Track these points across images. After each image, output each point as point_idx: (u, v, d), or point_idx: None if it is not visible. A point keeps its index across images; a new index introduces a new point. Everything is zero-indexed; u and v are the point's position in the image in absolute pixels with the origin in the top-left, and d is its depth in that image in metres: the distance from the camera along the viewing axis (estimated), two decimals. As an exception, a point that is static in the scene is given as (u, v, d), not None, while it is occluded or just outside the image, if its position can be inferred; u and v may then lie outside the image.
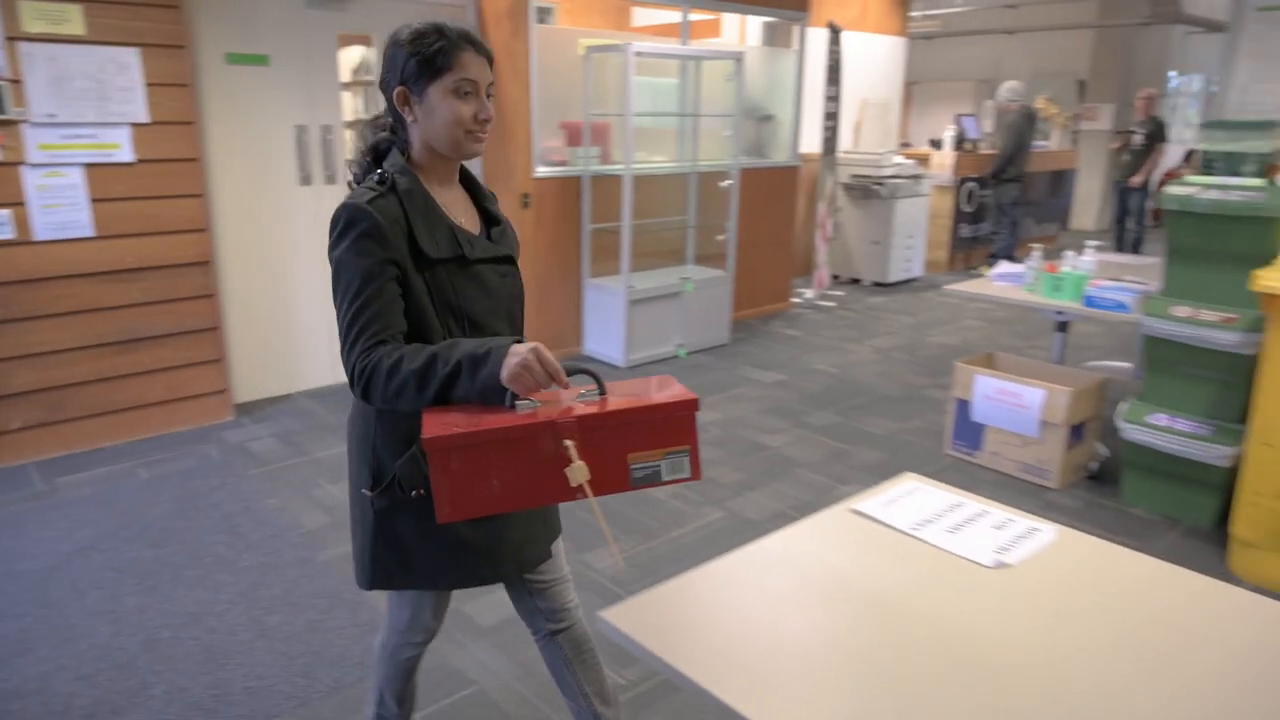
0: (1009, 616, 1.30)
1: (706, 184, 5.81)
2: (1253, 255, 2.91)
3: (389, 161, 1.52)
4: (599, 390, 1.34)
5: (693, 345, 5.64)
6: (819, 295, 7.22)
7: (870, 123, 10.03)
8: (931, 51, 12.92)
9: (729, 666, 1.16)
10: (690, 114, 5.65)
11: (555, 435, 1.23)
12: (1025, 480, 3.74)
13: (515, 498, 1.23)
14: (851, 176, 7.72)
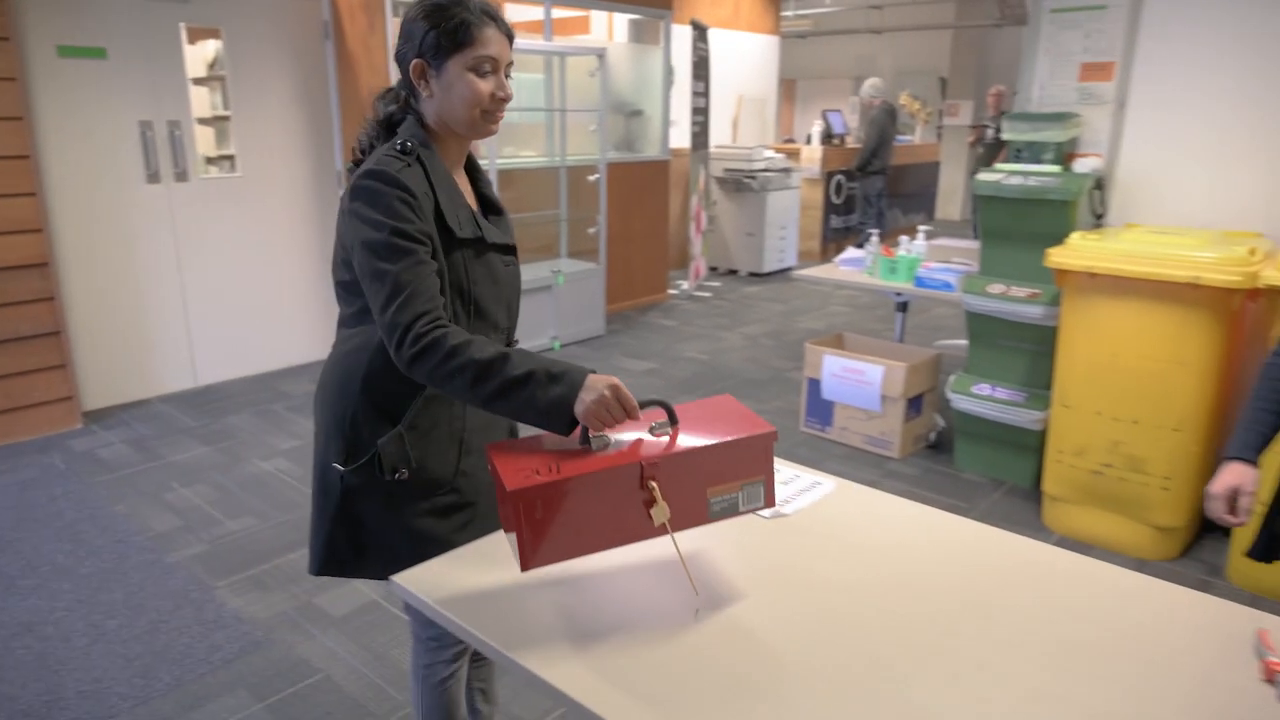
0: (785, 557, 1.42)
1: (576, 178, 5.90)
2: (1051, 235, 3.19)
3: (405, 130, 1.45)
4: (670, 420, 1.30)
5: (567, 337, 5.72)
6: (695, 286, 7.41)
7: (748, 118, 10.32)
8: (807, 49, 13.37)
9: (524, 629, 1.20)
10: (556, 109, 5.72)
11: (640, 476, 1.20)
12: (870, 452, 3.97)
13: (597, 540, 1.20)
14: (725, 170, 7.95)
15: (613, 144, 6.49)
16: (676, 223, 7.95)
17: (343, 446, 1.47)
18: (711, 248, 8.18)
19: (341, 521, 1.49)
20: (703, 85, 6.96)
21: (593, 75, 5.45)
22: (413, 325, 1.30)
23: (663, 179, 6.81)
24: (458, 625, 1.23)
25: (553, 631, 1.21)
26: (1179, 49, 3.18)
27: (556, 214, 5.98)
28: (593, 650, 1.16)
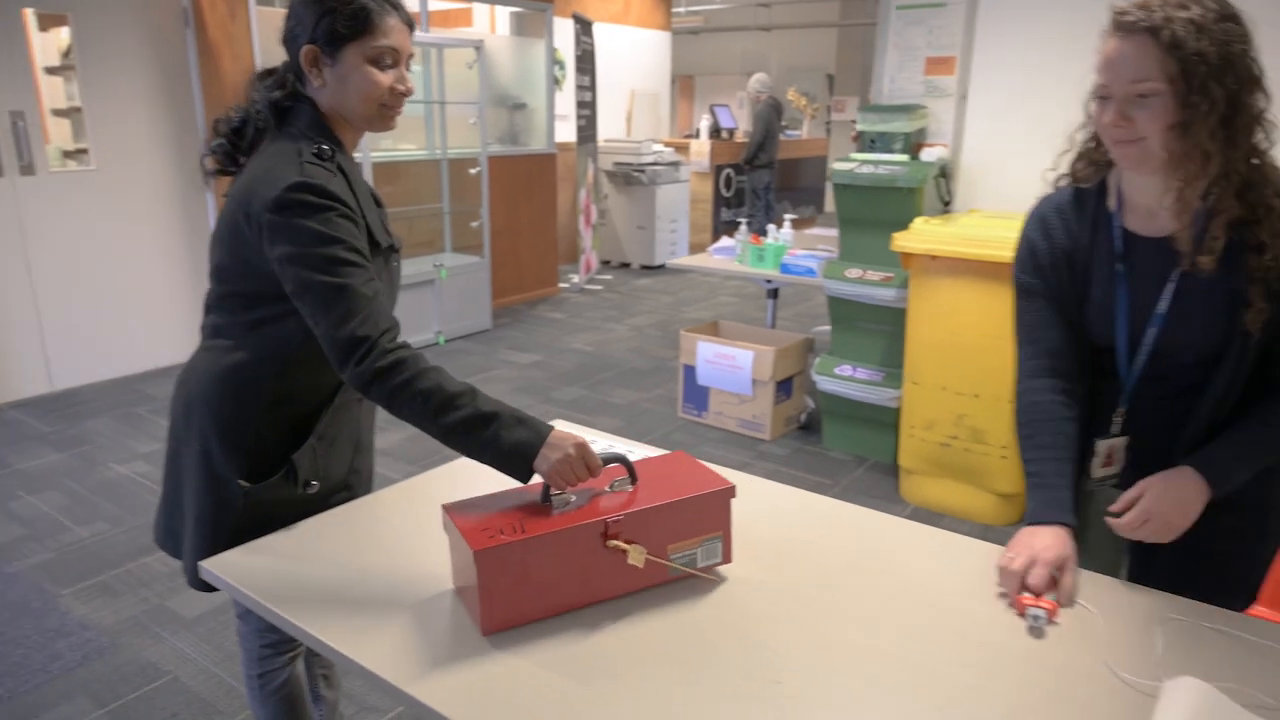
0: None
1: (459, 171, 5.85)
2: (900, 221, 3.34)
3: (305, 123, 1.35)
4: (630, 478, 1.30)
5: (452, 331, 5.67)
6: (586, 279, 7.44)
7: (641, 113, 10.41)
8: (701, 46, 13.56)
9: (338, 613, 1.19)
10: (434, 101, 5.66)
11: (603, 534, 1.20)
12: (744, 435, 4.09)
13: (558, 600, 1.19)
14: (614, 164, 8.00)
15: (496, 137, 6.46)
16: (566, 216, 7.97)
17: (244, 463, 1.41)
18: (603, 241, 8.23)
19: (242, 535, 1.41)
20: (588, 79, 6.99)
21: (471, 67, 5.41)
22: (379, 341, 1.25)
23: (549, 172, 6.81)
24: (290, 624, 1.20)
25: (387, 625, 1.20)
26: (1013, 43, 3.38)
27: (439, 207, 5.92)
28: (430, 646, 1.15)
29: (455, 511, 1.22)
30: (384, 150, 5.50)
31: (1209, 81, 1.15)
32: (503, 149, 6.42)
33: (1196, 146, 1.18)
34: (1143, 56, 1.16)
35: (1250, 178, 1.20)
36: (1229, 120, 1.17)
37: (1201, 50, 1.14)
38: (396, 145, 5.62)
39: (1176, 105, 1.16)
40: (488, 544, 1.13)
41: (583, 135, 6.98)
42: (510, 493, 1.29)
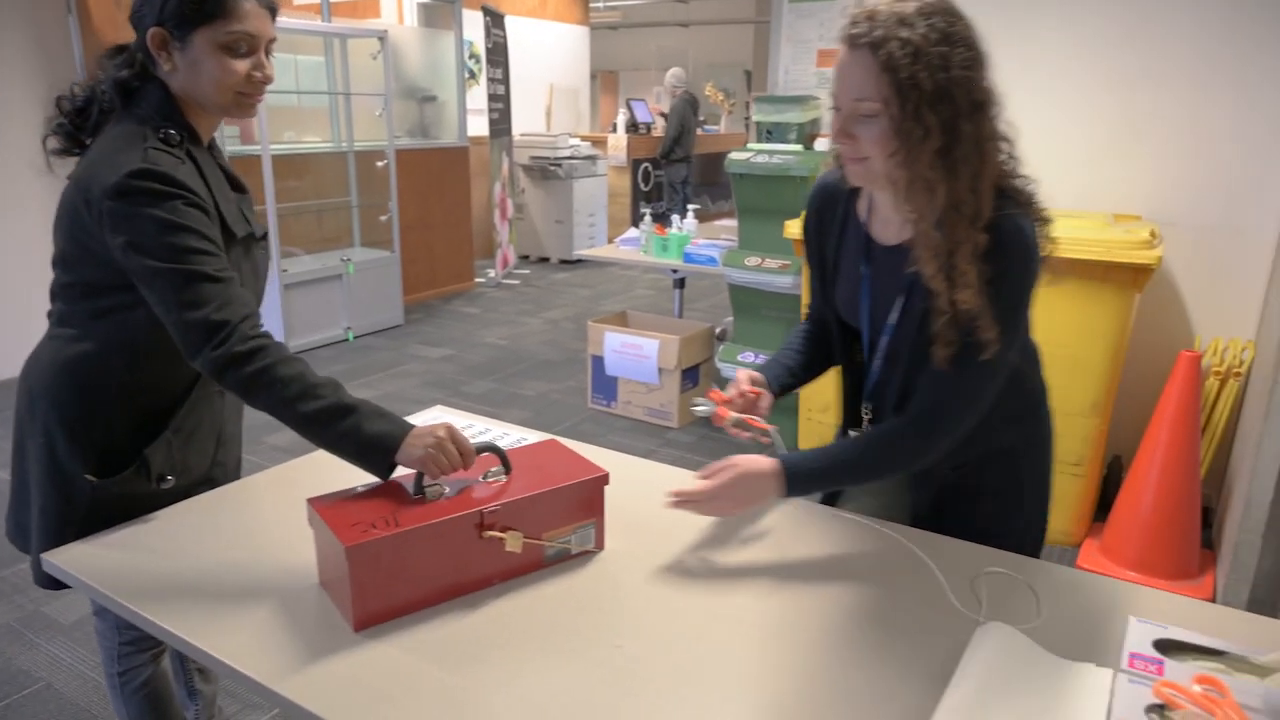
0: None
1: (367, 165, 5.76)
2: (795, 210, 3.42)
3: (153, 106, 1.29)
4: (505, 467, 1.29)
5: (362, 327, 5.59)
6: (504, 274, 7.41)
7: (561, 108, 10.39)
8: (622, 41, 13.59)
9: (197, 607, 1.16)
10: (337, 92, 5.56)
11: (479, 524, 1.18)
12: (651, 423, 4.13)
13: (432, 593, 1.16)
14: (531, 158, 7.97)
15: (405, 130, 6.38)
16: (481, 210, 7.91)
17: (92, 456, 1.36)
18: (521, 236, 8.19)
19: (91, 531, 1.36)
20: (500, 72, 6.95)
21: (375, 58, 5.33)
22: (239, 326, 1.21)
23: (462, 166, 6.75)
24: (144, 619, 1.16)
25: (251, 619, 1.17)
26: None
27: (347, 201, 5.82)
28: (297, 641, 1.13)
29: (322, 505, 1.19)
30: (286, 143, 5.38)
31: (923, 108, 1.08)
32: (412, 142, 6.34)
33: (919, 176, 1.12)
34: (864, 73, 1.10)
35: (979, 208, 1.13)
36: (947, 150, 1.10)
37: (915, 76, 1.07)
38: (300, 138, 5.51)
39: (893, 130, 1.11)
40: (359, 539, 1.09)
41: (496, 129, 6.94)
42: (380, 486, 1.26)
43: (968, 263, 1.13)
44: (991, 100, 1.13)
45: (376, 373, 4.86)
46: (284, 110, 5.41)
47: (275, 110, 5.20)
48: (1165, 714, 0.91)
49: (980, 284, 1.13)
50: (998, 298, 1.14)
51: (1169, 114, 3.03)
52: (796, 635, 1.12)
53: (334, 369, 4.91)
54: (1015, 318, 1.19)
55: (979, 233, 1.13)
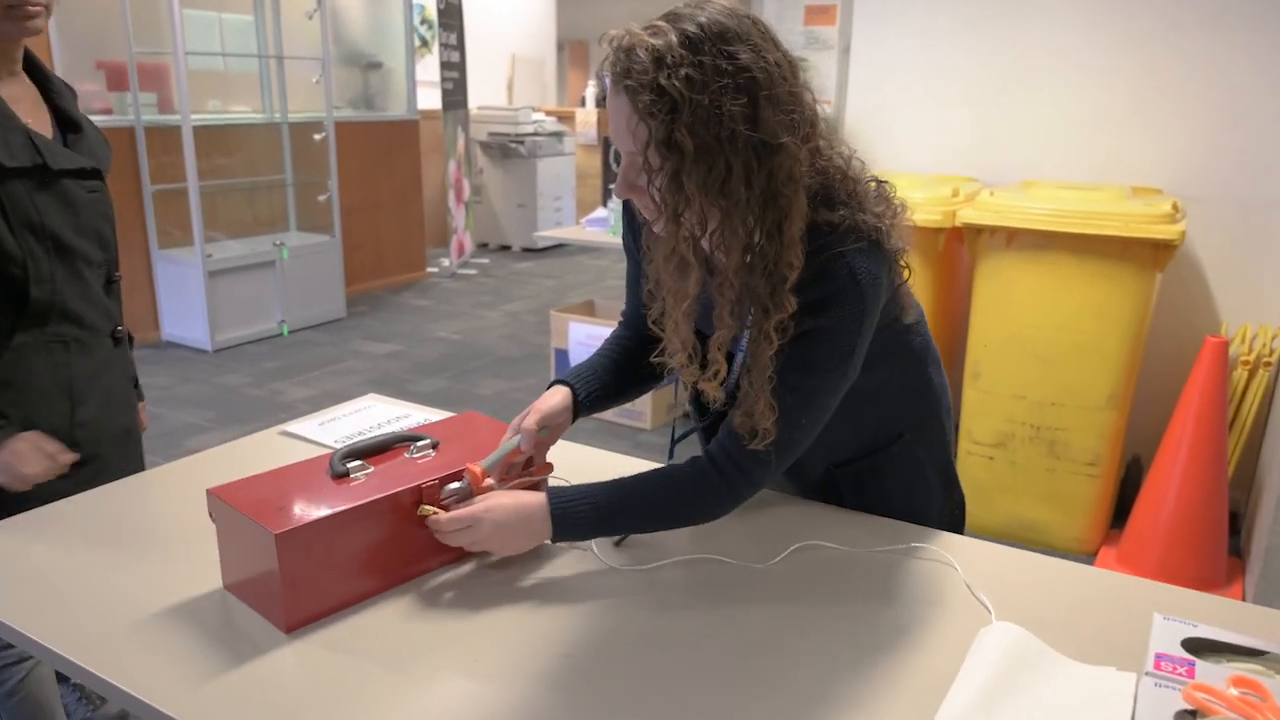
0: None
1: (303, 139, 5.67)
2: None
3: None
4: (431, 443, 1.29)
5: (299, 321, 5.50)
6: (459, 264, 7.33)
7: (524, 81, 10.34)
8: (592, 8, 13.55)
9: (78, 617, 1.11)
10: (269, 55, 5.47)
11: (417, 504, 1.18)
12: (622, 424, 4.07)
13: (366, 584, 1.15)
14: (489, 134, 7.91)
15: (347, 100, 6.30)
16: (434, 192, 7.83)
17: None
18: (478, 221, 8.12)
19: None
20: (454, 37, 6.89)
21: (311, 17, 5.25)
22: None
23: (411, 142, 6.68)
24: (11, 630, 1.10)
25: (143, 631, 1.12)
26: (895, -8, 3.46)
27: (281, 179, 5.73)
28: (206, 654, 1.08)
29: (230, 493, 1.15)
30: (211, 113, 5.28)
31: (684, 174, 1.02)
32: (355, 114, 6.26)
33: (682, 245, 1.08)
34: (624, 123, 1.04)
35: (782, 262, 1.07)
36: (727, 213, 1.05)
37: (672, 135, 1.00)
38: (227, 107, 5.41)
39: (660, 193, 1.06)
40: (288, 524, 1.06)
41: (450, 100, 6.87)
42: (288, 468, 1.23)
43: (772, 327, 1.09)
44: (792, 130, 1.04)
45: (314, 370, 4.78)
46: (208, 75, 5.31)
47: (198, 75, 5.10)
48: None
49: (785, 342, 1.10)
50: (809, 353, 1.11)
51: (1196, 74, 3.03)
52: (766, 640, 1.07)
53: (265, 366, 4.82)
54: (826, 383, 1.14)
55: (786, 296, 1.07)
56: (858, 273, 1.10)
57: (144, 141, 4.90)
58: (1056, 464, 2.89)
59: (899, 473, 1.38)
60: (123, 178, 4.91)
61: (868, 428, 1.34)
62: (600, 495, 1.18)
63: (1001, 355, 2.92)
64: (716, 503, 1.20)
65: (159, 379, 4.60)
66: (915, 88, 3.48)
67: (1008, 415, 2.93)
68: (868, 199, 1.15)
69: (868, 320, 1.13)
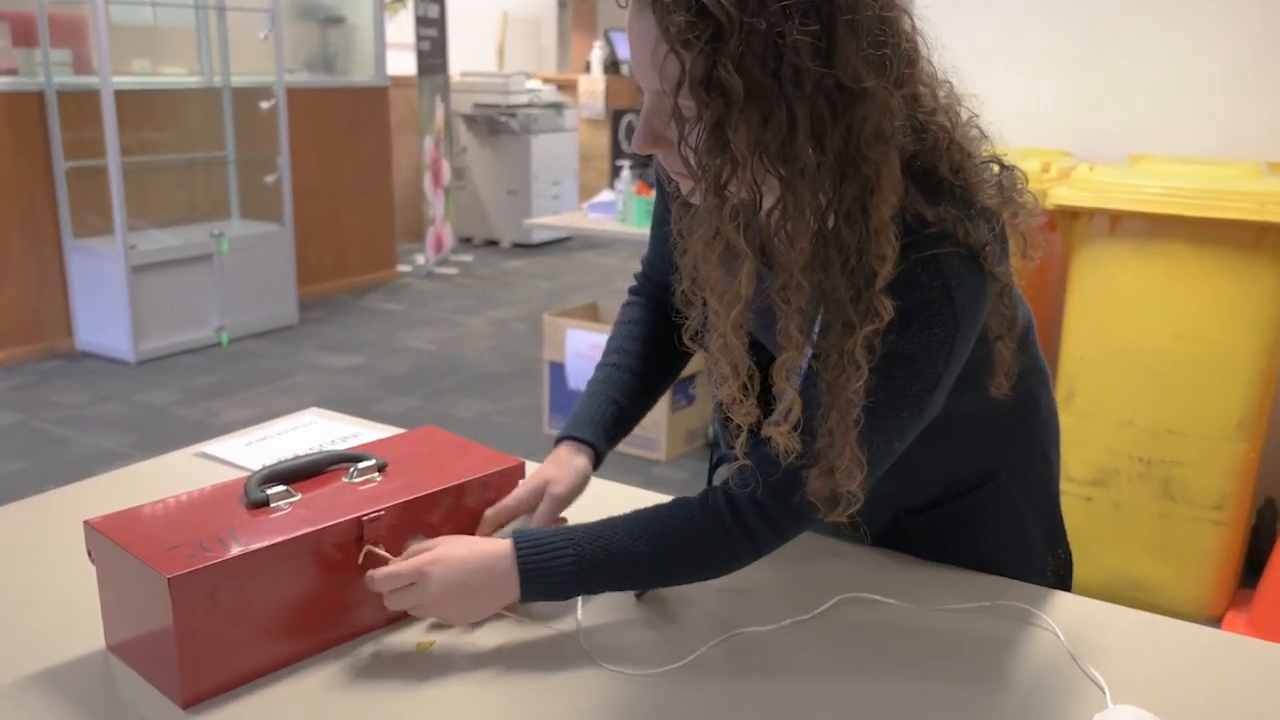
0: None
1: (248, 108, 5.66)
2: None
3: None
4: (377, 464, 1.22)
5: (241, 327, 5.48)
6: (437, 260, 7.31)
7: (518, 44, 10.37)
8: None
9: None
10: (207, 6, 5.46)
11: (357, 539, 1.11)
12: (632, 454, 4.00)
13: (293, 644, 1.09)
14: (475, 106, 7.90)
15: (303, 63, 6.30)
16: (408, 176, 7.82)
17: None
18: (461, 211, 8.10)
19: None
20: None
21: (260, -40, 5.25)
22: None
23: (380, 114, 6.67)
24: None
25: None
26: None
27: (221, 156, 5.71)
28: None
29: (113, 526, 1.09)
30: (137, 75, 5.27)
31: (728, 122, 0.91)
32: (312, 79, 6.26)
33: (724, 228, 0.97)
34: (648, 48, 0.95)
35: (869, 253, 0.97)
36: (790, 179, 0.94)
37: (716, 70, 0.90)
38: (157, 68, 5.40)
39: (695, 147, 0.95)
40: (184, 567, 1.00)
41: (427, 64, 6.87)
42: (191, 496, 1.17)
43: (859, 346, 0.97)
44: (881, 71, 0.92)
45: (258, 386, 4.75)
46: (133, 30, 5.31)
47: (122, 30, 5.10)
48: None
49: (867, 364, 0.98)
50: (876, 383, 1.00)
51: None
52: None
53: (199, 382, 4.78)
54: (895, 425, 1.05)
55: (877, 300, 0.96)
56: (953, 284, 0.99)
57: (56, 108, 4.89)
58: (1172, 507, 2.81)
59: (990, 522, 1.28)
60: (29, 152, 4.89)
61: (952, 465, 1.25)
62: (584, 541, 1.09)
63: (1102, 370, 2.84)
64: (731, 556, 1.12)
65: (69, 396, 4.56)
66: (994, 44, 3.42)
67: (1110, 446, 2.85)
68: (981, 187, 1.04)
69: (960, 346, 1.03)
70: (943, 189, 1.01)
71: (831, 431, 1.00)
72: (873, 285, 0.96)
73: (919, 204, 0.99)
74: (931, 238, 0.99)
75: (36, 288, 5.05)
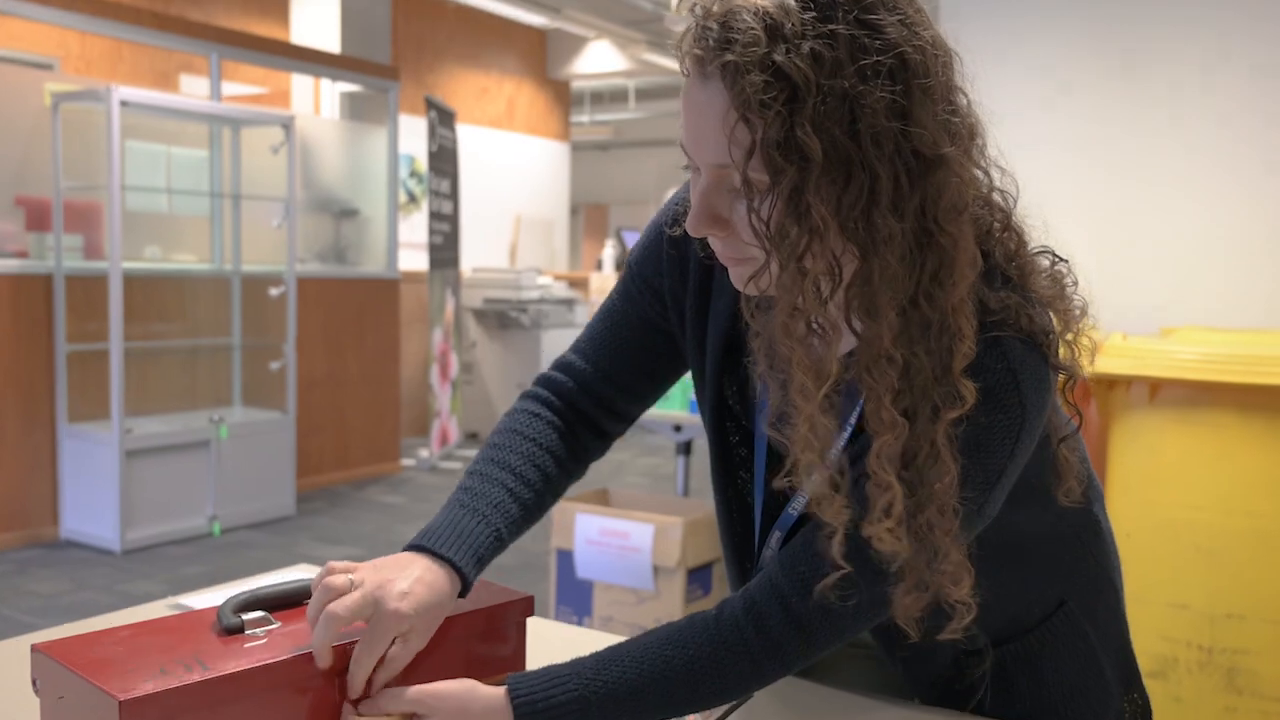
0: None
1: (257, 294, 5.72)
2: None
3: None
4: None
5: (235, 518, 5.36)
6: (441, 455, 7.21)
7: (531, 245, 10.62)
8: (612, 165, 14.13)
9: None
10: (223, 194, 5.59)
11: (341, 672, 1.00)
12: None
13: None
14: (485, 300, 7.99)
15: (315, 253, 6.41)
16: (415, 370, 7.84)
17: None
18: (468, 405, 8.07)
19: None
20: (447, 185, 7.08)
21: (277, 152, 5.40)
22: None
23: (390, 305, 6.73)
24: None
25: None
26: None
27: (228, 341, 5.73)
28: None
29: (64, 651, 0.98)
30: (147, 261, 5.34)
31: (808, 187, 0.88)
32: (323, 268, 6.35)
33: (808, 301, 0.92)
34: (716, 119, 0.90)
35: (951, 329, 0.92)
36: (865, 252, 0.90)
37: (793, 134, 0.86)
38: (169, 254, 5.48)
39: (765, 218, 0.91)
40: (138, 689, 0.89)
41: (439, 257, 6.98)
42: (156, 621, 1.06)
43: (942, 435, 0.91)
44: (954, 139, 0.91)
45: (247, 578, 4.55)
46: (149, 217, 5.42)
47: (137, 217, 5.20)
48: None
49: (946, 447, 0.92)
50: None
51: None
52: None
53: (186, 572, 4.63)
54: (980, 502, 0.97)
55: (959, 382, 0.91)
56: (1018, 368, 0.94)
57: (63, 292, 4.92)
58: (1239, 700, 2.61)
59: (1060, 660, 1.16)
60: (32, 334, 4.89)
61: (1016, 593, 1.13)
62: (587, 677, 0.97)
63: (1152, 549, 2.69)
64: (754, 672, 1.01)
65: (46, 585, 4.39)
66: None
67: (1165, 632, 2.67)
68: (1035, 276, 1.00)
69: (1025, 437, 0.96)
70: (997, 275, 0.97)
71: (926, 535, 0.91)
72: (951, 366, 0.90)
73: (980, 288, 0.94)
74: (993, 323, 0.94)
75: (25, 473, 4.95)
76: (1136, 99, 3.33)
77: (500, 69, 10.22)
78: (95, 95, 4.83)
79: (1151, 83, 3.24)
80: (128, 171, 4.80)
